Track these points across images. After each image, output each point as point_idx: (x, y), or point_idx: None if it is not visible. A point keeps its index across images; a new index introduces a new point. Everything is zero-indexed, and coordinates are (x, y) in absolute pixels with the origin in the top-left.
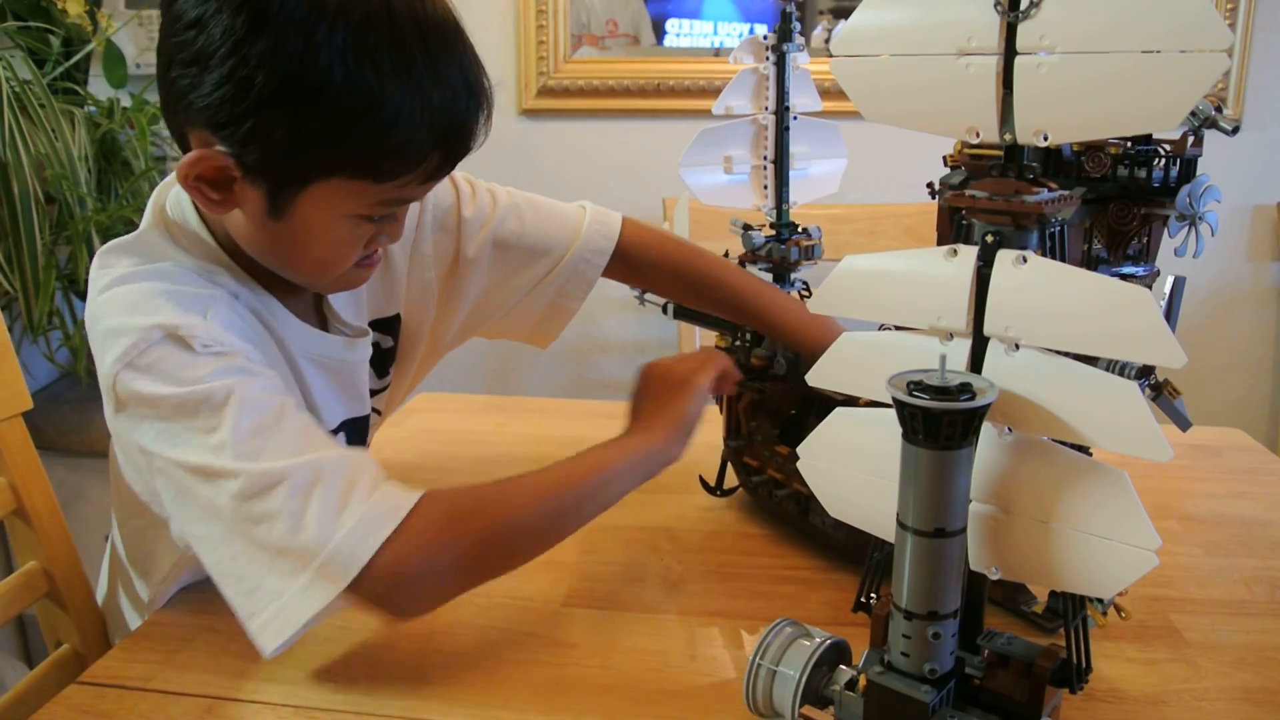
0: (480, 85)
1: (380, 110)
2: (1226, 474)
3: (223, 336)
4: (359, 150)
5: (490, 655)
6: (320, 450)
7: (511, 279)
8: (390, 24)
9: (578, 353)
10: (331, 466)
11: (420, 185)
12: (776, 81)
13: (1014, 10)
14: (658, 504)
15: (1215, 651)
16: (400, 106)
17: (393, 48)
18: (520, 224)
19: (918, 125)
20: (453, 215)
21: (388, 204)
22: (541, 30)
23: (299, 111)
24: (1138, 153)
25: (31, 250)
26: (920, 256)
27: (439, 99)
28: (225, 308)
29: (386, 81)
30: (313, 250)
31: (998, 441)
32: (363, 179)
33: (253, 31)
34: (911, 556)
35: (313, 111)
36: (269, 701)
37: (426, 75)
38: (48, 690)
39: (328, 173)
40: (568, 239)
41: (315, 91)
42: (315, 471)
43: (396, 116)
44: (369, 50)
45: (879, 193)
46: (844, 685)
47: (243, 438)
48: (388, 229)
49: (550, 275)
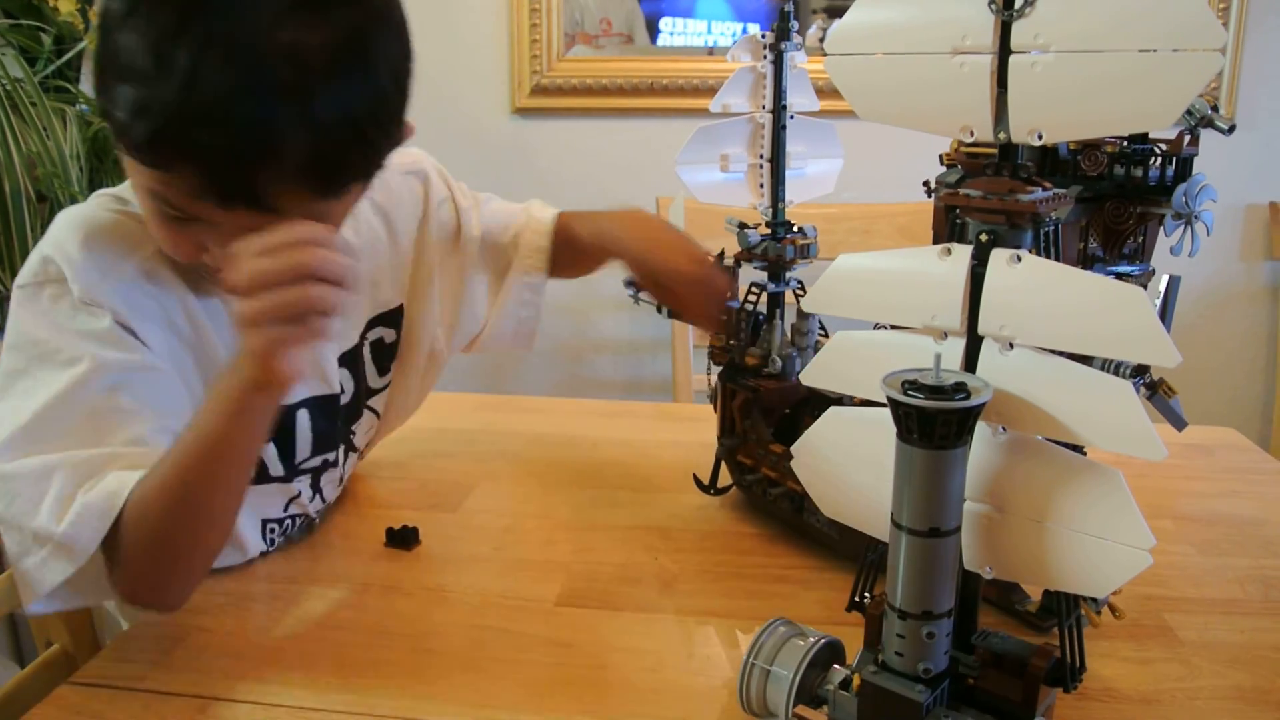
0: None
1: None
2: (1220, 473)
3: (101, 298)
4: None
5: (484, 655)
6: (100, 446)
7: (489, 275)
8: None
9: (571, 352)
10: (81, 461)
11: (189, 200)
12: (774, 80)
13: (1008, 9)
14: (652, 503)
15: (1209, 650)
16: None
17: (161, 16)
18: (487, 220)
19: (912, 124)
20: (449, 205)
21: (169, 201)
22: (535, 29)
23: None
24: (1134, 151)
25: (23, 249)
26: (915, 255)
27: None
28: (134, 267)
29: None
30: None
31: (992, 441)
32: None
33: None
34: (906, 556)
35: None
36: (261, 701)
37: (185, 61)
38: (38, 690)
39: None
40: (514, 235)
41: (100, 45)
42: (56, 464)
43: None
44: (139, 19)
45: (874, 192)
46: (838, 685)
47: (37, 421)
48: (206, 238)
49: (508, 276)
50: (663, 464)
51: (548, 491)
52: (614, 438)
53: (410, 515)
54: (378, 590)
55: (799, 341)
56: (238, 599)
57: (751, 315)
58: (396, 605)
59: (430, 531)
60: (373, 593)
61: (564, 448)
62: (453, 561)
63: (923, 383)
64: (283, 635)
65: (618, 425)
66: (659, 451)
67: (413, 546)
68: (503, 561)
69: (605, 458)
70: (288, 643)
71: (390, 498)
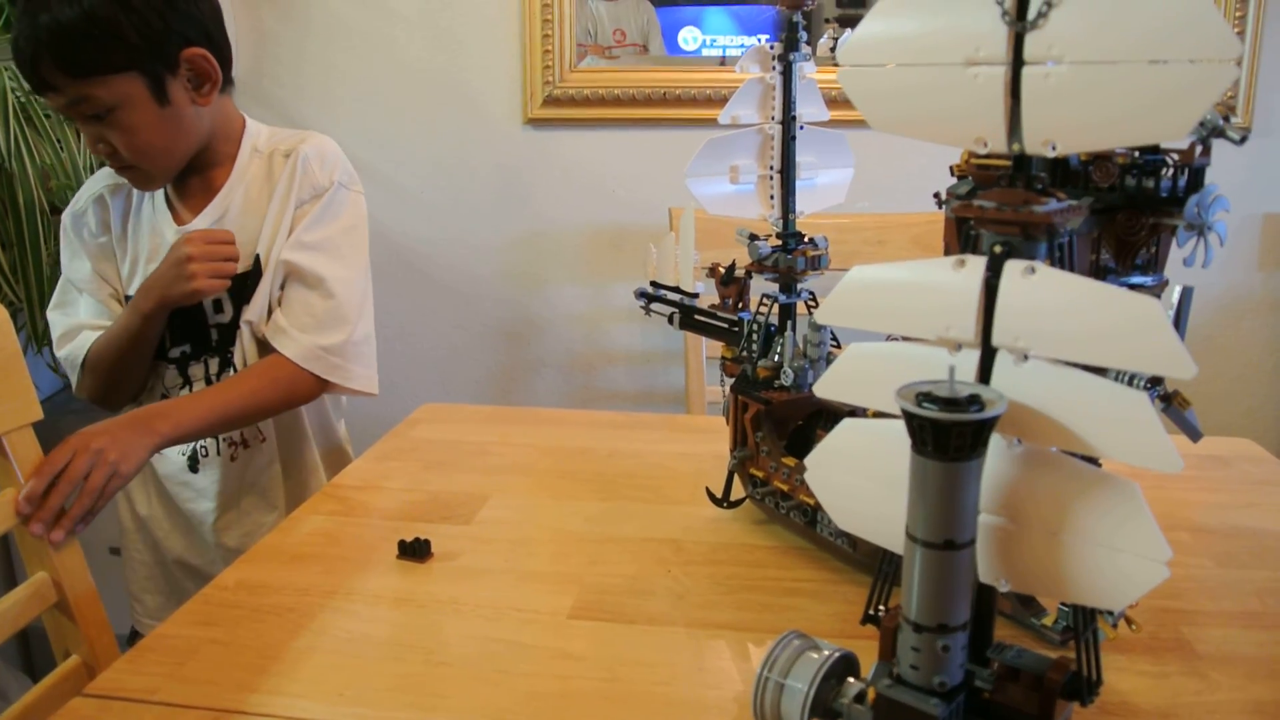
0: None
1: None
2: (1238, 485)
3: (80, 226)
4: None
5: (496, 667)
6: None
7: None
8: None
9: (584, 363)
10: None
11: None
12: (783, 91)
13: (1022, 20)
14: (664, 516)
15: (1227, 664)
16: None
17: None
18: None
19: (925, 135)
20: (307, 207)
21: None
22: (547, 39)
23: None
24: (1145, 162)
25: (36, 261)
26: (928, 267)
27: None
28: (104, 186)
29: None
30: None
31: (1007, 453)
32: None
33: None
34: (920, 568)
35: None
36: (274, 714)
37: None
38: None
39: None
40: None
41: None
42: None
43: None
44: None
45: (886, 202)
46: (852, 698)
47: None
48: (87, 133)
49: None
50: (675, 476)
51: (560, 503)
52: (626, 449)
53: (423, 528)
54: (390, 602)
55: (811, 353)
56: (250, 611)
57: (763, 327)
58: (409, 617)
59: (443, 544)
60: (385, 605)
61: (576, 459)
62: (465, 574)
63: (937, 395)
64: (296, 647)
65: (630, 437)
66: (671, 463)
67: (425, 559)
68: (515, 574)
69: (617, 470)
70: (300, 655)
71: (403, 510)
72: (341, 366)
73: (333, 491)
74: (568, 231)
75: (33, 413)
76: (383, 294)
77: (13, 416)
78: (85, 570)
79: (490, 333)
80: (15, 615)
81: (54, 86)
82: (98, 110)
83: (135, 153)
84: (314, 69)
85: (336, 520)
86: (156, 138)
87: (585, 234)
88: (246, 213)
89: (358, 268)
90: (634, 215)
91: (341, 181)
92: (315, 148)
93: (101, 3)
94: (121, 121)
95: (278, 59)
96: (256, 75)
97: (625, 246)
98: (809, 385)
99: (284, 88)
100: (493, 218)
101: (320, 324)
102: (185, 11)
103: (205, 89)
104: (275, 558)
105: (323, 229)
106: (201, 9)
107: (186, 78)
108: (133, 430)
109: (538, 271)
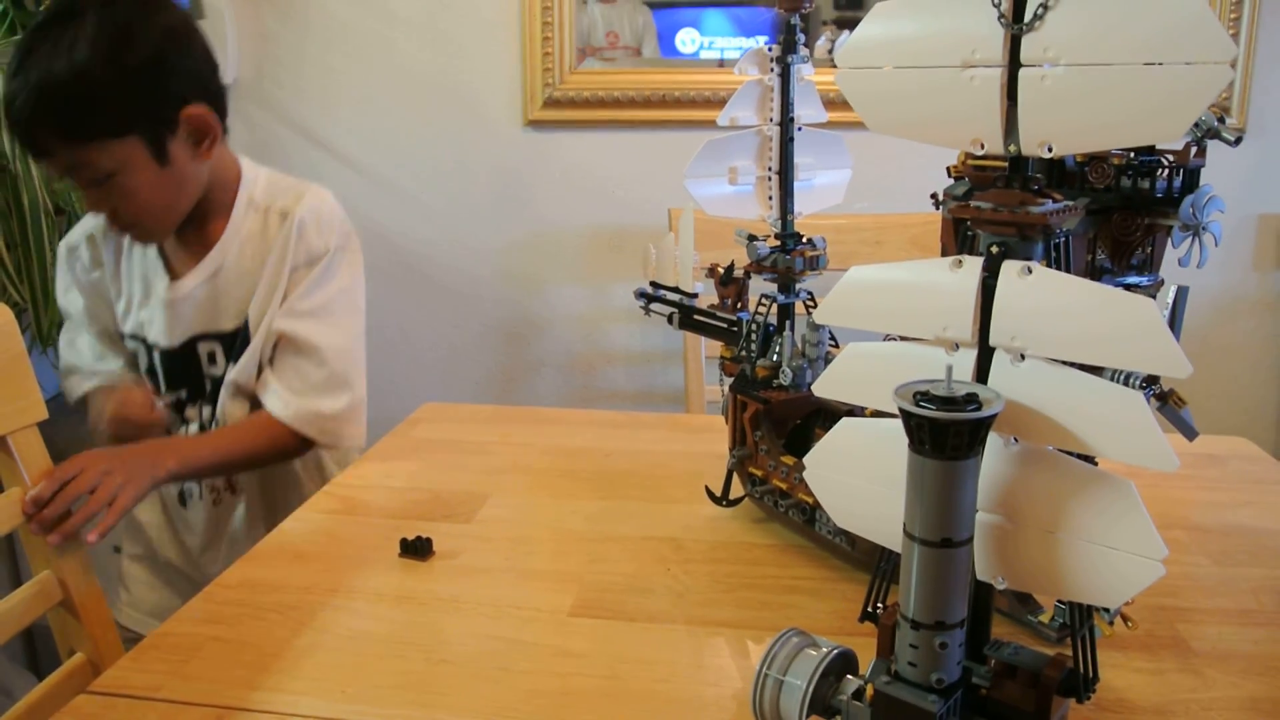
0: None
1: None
2: (1233, 483)
3: (74, 260)
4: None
5: (497, 665)
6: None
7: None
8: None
9: (584, 363)
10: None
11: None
12: (781, 93)
13: (1018, 22)
14: (664, 514)
15: (1223, 661)
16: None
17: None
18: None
19: (923, 137)
20: (302, 272)
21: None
22: (547, 42)
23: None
24: (1141, 163)
25: (40, 261)
26: (926, 267)
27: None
28: (96, 225)
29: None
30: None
31: (1004, 451)
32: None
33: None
34: (918, 566)
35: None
36: (277, 711)
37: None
38: (61, 699)
39: None
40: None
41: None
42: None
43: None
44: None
45: (884, 203)
46: (851, 695)
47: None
48: (86, 197)
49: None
50: (674, 475)
51: (560, 502)
52: (626, 448)
53: (424, 526)
54: (392, 600)
55: (809, 353)
56: (253, 609)
57: (762, 327)
58: (410, 615)
59: (444, 542)
60: (387, 603)
61: (576, 458)
62: (466, 572)
63: (935, 394)
64: (298, 645)
65: (630, 436)
66: (671, 462)
67: (426, 557)
68: (515, 572)
69: (617, 468)
70: (303, 653)
71: (404, 508)
72: (335, 431)
73: (334, 490)
74: (568, 232)
75: (38, 412)
76: (383, 294)
77: (18, 416)
78: (89, 569)
79: (490, 333)
80: (20, 613)
81: (50, 151)
82: (97, 176)
83: (136, 214)
84: (314, 71)
85: (338, 519)
86: (157, 197)
87: (585, 235)
88: (240, 270)
89: (352, 331)
90: (633, 216)
91: (338, 245)
92: (312, 210)
93: (97, 61)
94: (122, 186)
95: (278, 60)
96: (257, 77)
97: (625, 247)
98: (807, 384)
99: (284, 89)
100: (493, 219)
101: (317, 390)
102: (181, 66)
103: (205, 145)
104: (277, 556)
105: (318, 295)
106: (195, 57)
107: (186, 134)
108: (142, 460)
109: (538, 272)
